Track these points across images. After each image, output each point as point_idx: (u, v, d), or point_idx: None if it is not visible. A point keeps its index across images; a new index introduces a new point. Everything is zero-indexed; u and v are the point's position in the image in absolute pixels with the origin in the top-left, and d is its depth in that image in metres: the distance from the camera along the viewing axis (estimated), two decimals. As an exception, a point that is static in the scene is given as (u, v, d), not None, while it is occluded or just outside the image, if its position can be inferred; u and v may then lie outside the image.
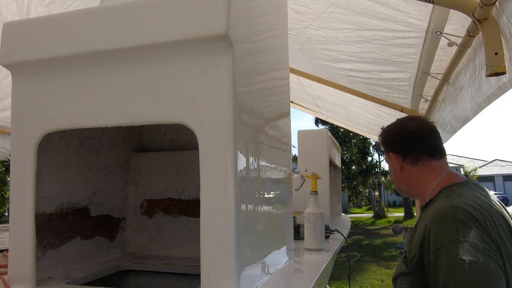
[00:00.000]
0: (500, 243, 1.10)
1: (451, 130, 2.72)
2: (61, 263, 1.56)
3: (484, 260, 1.05)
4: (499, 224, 1.13)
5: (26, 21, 1.42)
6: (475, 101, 1.94)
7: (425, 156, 1.37)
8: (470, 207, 1.14)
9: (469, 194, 1.22)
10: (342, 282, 7.02)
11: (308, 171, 2.14)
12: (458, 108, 2.31)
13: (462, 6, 1.43)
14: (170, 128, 2.15)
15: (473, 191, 1.25)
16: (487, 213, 1.14)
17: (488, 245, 1.07)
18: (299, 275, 1.56)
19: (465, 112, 2.19)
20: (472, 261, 1.05)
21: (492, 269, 1.05)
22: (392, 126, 1.48)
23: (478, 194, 1.23)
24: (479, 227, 1.10)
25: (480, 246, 1.06)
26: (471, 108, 2.06)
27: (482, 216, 1.12)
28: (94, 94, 1.26)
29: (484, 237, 1.08)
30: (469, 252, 1.06)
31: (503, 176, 38.77)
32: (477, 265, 1.04)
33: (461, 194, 1.22)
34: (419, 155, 1.37)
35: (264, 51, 1.46)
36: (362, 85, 3.23)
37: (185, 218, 1.98)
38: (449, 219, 1.14)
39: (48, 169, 1.51)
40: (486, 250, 1.06)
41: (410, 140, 1.40)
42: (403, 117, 1.54)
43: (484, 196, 1.24)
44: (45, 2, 2.38)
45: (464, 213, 1.13)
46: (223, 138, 1.10)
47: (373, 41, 2.42)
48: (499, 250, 1.09)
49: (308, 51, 2.99)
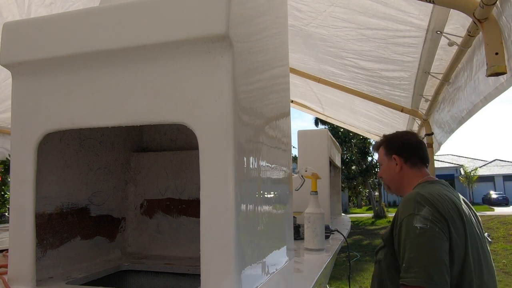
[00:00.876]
0: (449, 219, 1.45)
1: (448, 130, 2.72)
2: (61, 263, 1.56)
3: (431, 227, 1.43)
4: (450, 208, 1.50)
5: (26, 21, 1.42)
6: (471, 101, 1.94)
7: (420, 163, 1.78)
8: (428, 194, 1.53)
9: (432, 187, 1.62)
10: (342, 282, 7.02)
11: (308, 171, 2.14)
12: (455, 108, 2.31)
13: (462, 6, 1.42)
14: (170, 128, 2.15)
15: (437, 186, 1.63)
16: (441, 199, 1.51)
17: (436, 218, 1.44)
18: (299, 275, 1.56)
19: (461, 112, 2.20)
20: (422, 227, 1.43)
21: (436, 233, 1.42)
22: (397, 135, 1.90)
23: (440, 188, 1.62)
24: (431, 206, 1.47)
25: (429, 218, 1.44)
26: (467, 109, 2.07)
27: (435, 200, 1.50)
28: (94, 94, 1.25)
29: (435, 213, 1.45)
30: (420, 221, 1.45)
31: (503, 176, 38.75)
32: (425, 229, 1.43)
33: (426, 187, 1.64)
34: (417, 162, 1.78)
35: (264, 50, 1.46)
36: (364, 81, 3.22)
37: (185, 218, 1.98)
38: (410, 201, 1.53)
39: (48, 169, 1.51)
40: (434, 220, 1.44)
41: (414, 149, 1.80)
42: (402, 131, 2.00)
43: (446, 191, 1.61)
44: (46, 3, 2.38)
45: (421, 197, 1.51)
46: (223, 138, 1.10)
47: (374, 40, 2.43)
48: (447, 223, 1.45)
49: (311, 45, 2.99)
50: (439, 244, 1.41)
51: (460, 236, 1.46)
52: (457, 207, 1.53)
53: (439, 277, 1.36)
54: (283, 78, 1.73)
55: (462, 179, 32.79)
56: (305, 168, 2.17)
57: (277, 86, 1.62)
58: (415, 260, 1.41)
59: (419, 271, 1.38)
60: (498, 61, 1.31)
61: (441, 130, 2.93)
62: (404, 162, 1.79)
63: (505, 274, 9.36)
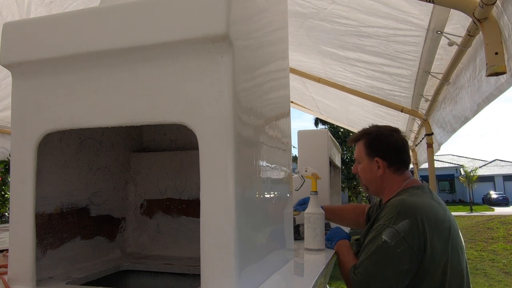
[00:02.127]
0: (428, 235, 1.42)
1: (450, 130, 2.72)
2: (61, 263, 1.56)
3: (394, 244, 1.42)
4: (435, 224, 1.45)
5: (26, 21, 1.42)
6: (475, 100, 1.94)
7: (403, 167, 1.71)
8: (413, 204, 1.49)
9: (419, 195, 1.56)
10: (342, 282, 7.01)
11: (308, 171, 2.14)
12: (458, 108, 2.31)
13: (462, 6, 1.43)
14: (170, 128, 2.15)
15: (424, 193, 1.58)
16: (427, 213, 1.46)
17: (410, 236, 1.42)
18: (299, 275, 1.56)
19: (465, 112, 2.19)
20: (386, 241, 1.43)
21: (396, 252, 1.41)
22: (382, 135, 1.75)
23: (426, 196, 1.56)
24: (412, 220, 1.43)
25: (401, 234, 1.42)
26: (471, 108, 2.06)
27: (420, 213, 1.45)
28: (94, 94, 1.25)
29: (412, 229, 1.42)
30: (388, 235, 1.44)
31: (503, 176, 38.77)
32: (387, 245, 1.43)
33: (413, 194, 1.57)
34: (401, 166, 1.70)
35: (263, 48, 1.46)
36: (365, 77, 3.22)
37: (185, 218, 1.98)
38: (393, 209, 1.50)
39: (48, 169, 1.51)
40: (403, 239, 1.42)
41: (399, 153, 1.71)
42: (386, 127, 1.83)
43: (433, 199, 1.56)
44: (45, 2, 2.38)
45: (406, 207, 1.48)
46: (223, 138, 1.10)
47: (376, 37, 2.43)
48: (424, 244, 1.42)
49: (314, 37, 2.99)
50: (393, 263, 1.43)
51: (440, 251, 1.46)
52: (443, 221, 1.50)
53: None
54: (283, 78, 1.73)
55: (462, 179, 32.77)
56: (305, 168, 2.17)
57: (277, 85, 1.62)
58: (365, 266, 1.48)
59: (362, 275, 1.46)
60: (498, 61, 1.31)
61: (442, 130, 2.93)
62: (387, 166, 1.69)
63: (505, 274, 9.35)
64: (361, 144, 1.77)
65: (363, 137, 1.77)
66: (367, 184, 1.78)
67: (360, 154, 1.78)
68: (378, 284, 1.45)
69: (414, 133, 4.29)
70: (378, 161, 1.70)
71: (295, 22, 2.77)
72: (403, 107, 3.49)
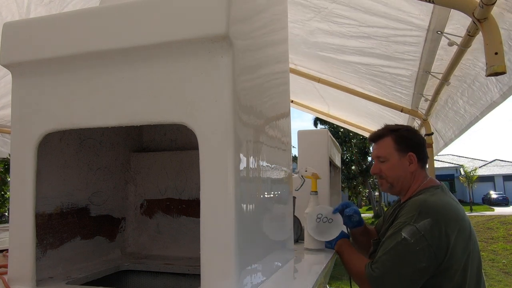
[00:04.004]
0: (452, 239, 1.42)
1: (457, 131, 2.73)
2: (61, 263, 1.56)
3: (414, 242, 1.41)
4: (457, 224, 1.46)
5: (26, 21, 1.42)
6: (477, 106, 1.95)
7: (425, 163, 1.73)
8: (436, 204, 1.50)
9: (440, 195, 1.58)
10: (342, 282, 7.02)
11: (308, 171, 2.14)
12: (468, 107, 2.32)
13: (462, 6, 1.42)
14: (170, 128, 2.15)
15: (444, 193, 1.61)
16: (449, 213, 1.48)
17: (431, 234, 1.41)
18: (299, 275, 1.56)
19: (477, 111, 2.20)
20: (405, 238, 1.43)
21: (415, 250, 1.41)
22: (411, 131, 1.78)
23: (447, 197, 1.58)
24: (434, 220, 1.43)
25: (421, 233, 1.42)
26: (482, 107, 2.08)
27: (443, 213, 1.46)
28: (94, 94, 1.25)
29: (433, 228, 1.42)
30: (408, 232, 1.44)
31: (503, 176, 38.75)
32: (406, 242, 1.43)
33: (434, 194, 1.58)
34: (425, 162, 1.73)
35: (264, 48, 1.46)
36: (366, 75, 3.22)
37: (185, 218, 1.98)
38: (414, 208, 1.50)
39: (48, 169, 1.51)
40: (423, 237, 1.41)
41: (424, 148, 1.73)
42: (407, 126, 1.87)
43: (453, 199, 1.58)
44: (45, 1, 2.38)
45: (428, 207, 1.48)
46: (223, 138, 1.10)
47: (376, 37, 2.44)
48: (446, 244, 1.42)
49: (311, 44, 2.99)
50: (410, 260, 1.43)
51: (462, 250, 1.46)
52: (464, 221, 1.51)
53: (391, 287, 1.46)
54: (284, 78, 1.73)
55: (462, 179, 32.76)
56: (305, 168, 2.17)
57: (277, 84, 1.62)
58: (382, 261, 1.49)
59: (380, 270, 1.47)
60: (498, 61, 1.31)
61: (448, 129, 2.94)
62: (418, 161, 1.68)
63: (505, 274, 9.35)
64: (389, 140, 1.71)
65: (390, 133, 1.72)
66: (394, 181, 1.71)
67: (388, 151, 1.71)
68: (393, 280, 1.46)
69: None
70: (411, 156, 1.67)
71: (293, 26, 2.77)
72: (403, 107, 3.49)
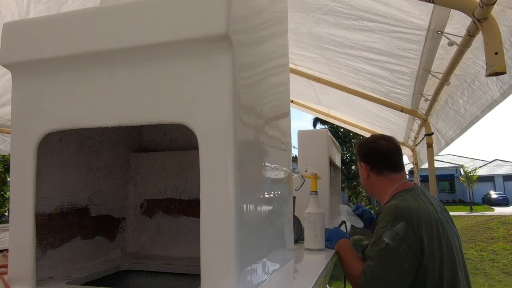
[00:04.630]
0: (424, 237, 1.52)
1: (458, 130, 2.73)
2: (61, 263, 1.56)
3: (396, 245, 1.51)
4: (429, 225, 1.55)
5: (26, 21, 1.42)
6: (478, 105, 1.95)
7: (387, 170, 1.82)
8: (407, 208, 1.59)
9: (411, 198, 1.67)
10: (342, 282, 7.01)
11: (308, 171, 2.14)
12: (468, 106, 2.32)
13: (462, 6, 1.42)
14: (170, 128, 2.15)
15: (416, 196, 1.68)
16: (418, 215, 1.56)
17: (408, 237, 1.52)
18: (299, 275, 1.56)
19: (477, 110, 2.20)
20: (388, 243, 1.53)
21: (398, 252, 1.51)
22: (368, 141, 1.94)
23: (418, 199, 1.66)
24: (408, 222, 1.54)
25: (400, 235, 1.52)
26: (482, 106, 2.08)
27: (414, 215, 1.56)
28: (94, 94, 1.25)
29: (408, 231, 1.53)
30: (388, 237, 1.54)
31: (503, 176, 38.76)
32: (389, 246, 1.52)
33: (405, 198, 1.67)
34: (383, 169, 1.83)
35: (264, 48, 1.46)
36: (366, 74, 3.22)
37: (185, 218, 1.98)
38: (389, 214, 1.61)
39: (48, 169, 1.51)
40: (404, 238, 1.52)
41: (378, 157, 1.85)
42: (377, 135, 2.04)
43: (423, 201, 1.65)
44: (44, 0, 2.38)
45: (400, 211, 1.59)
46: (223, 138, 1.10)
47: (377, 32, 2.44)
48: (420, 244, 1.52)
49: (315, 34, 2.99)
50: (396, 263, 1.53)
51: (436, 249, 1.55)
52: (435, 221, 1.59)
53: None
54: (284, 78, 1.73)
55: (462, 179, 32.77)
56: (305, 168, 2.17)
57: (277, 85, 1.62)
58: (370, 269, 1.57)
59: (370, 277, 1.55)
60: (498, 60, 1.31)
61: (449, 129, 2.94)
62: (370, 169, 1.86)
63: (505, 274, 9.35)
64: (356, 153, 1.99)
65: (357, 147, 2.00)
66: (363, 187, 1.99)
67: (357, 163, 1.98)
68: (381, 286, 1.56)
69: (415, 132, 4.28)
70: (362, 165, 1.90)
71: (295, 18, 2.77)
72: (403, 107, 3.49)
